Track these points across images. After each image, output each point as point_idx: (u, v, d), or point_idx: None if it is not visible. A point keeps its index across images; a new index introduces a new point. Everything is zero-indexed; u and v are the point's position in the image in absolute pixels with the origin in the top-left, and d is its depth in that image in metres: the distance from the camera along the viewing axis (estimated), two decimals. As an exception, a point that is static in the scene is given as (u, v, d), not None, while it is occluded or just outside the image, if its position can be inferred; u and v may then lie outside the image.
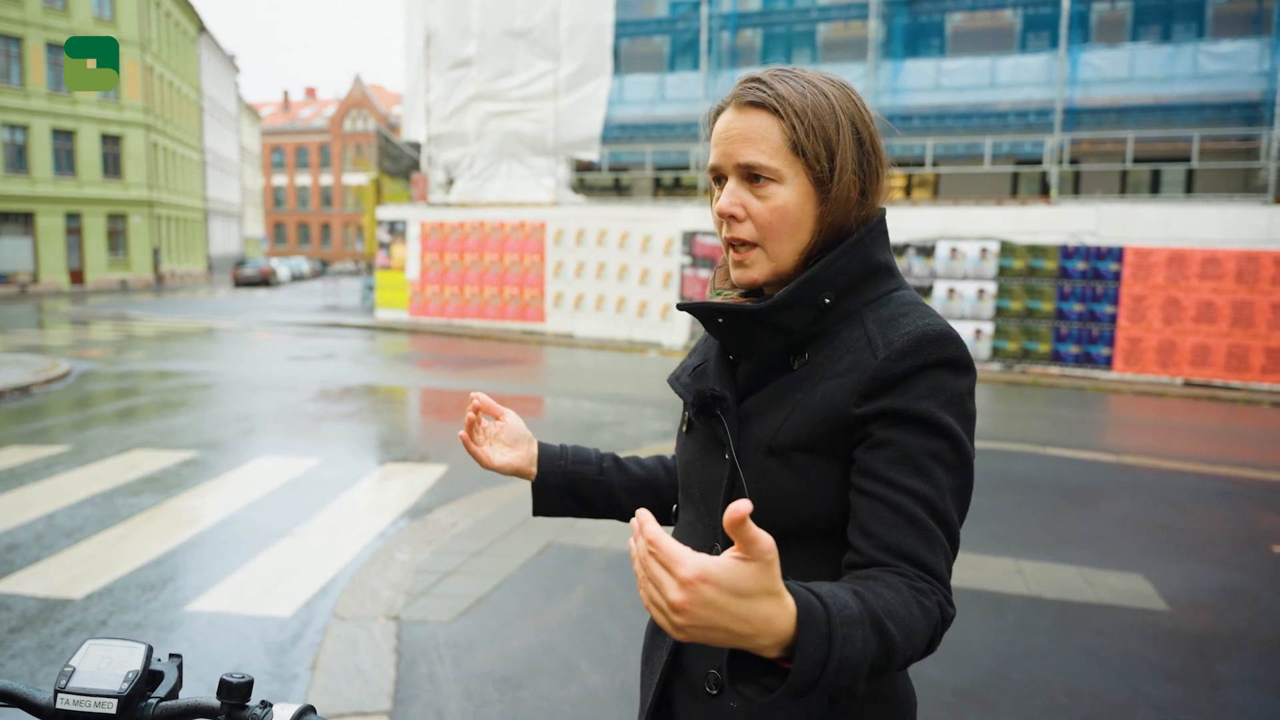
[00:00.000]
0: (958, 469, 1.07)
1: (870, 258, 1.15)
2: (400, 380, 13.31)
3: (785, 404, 1.13)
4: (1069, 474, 7.70)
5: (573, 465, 1.46)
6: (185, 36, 47.39)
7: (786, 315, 1.12)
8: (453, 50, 20.59)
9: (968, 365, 1.10)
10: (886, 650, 0.92)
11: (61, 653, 3.85)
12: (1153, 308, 14.48)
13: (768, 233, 1.13)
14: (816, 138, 1.10)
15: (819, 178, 1.11)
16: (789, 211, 1.12)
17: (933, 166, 17.85)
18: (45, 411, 9.91)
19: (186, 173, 47.39)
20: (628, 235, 18.79)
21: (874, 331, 1.10)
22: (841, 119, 1.12)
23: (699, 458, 1.24)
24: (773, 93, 1.12)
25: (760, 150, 1.11)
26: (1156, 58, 15.74)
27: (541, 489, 1.46)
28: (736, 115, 1.14)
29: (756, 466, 1.13)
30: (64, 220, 36.34)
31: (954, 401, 1.07)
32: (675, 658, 1.23)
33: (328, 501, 6.39)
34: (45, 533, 5.49)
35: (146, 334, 19.38)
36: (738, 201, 1.14)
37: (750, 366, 1.21)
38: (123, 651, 1.01)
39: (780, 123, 1.11)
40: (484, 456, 1.43)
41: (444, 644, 3.98)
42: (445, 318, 20.97)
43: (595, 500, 1.47)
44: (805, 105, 1.11)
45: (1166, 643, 4.18)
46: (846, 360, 1.10)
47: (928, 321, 1.09)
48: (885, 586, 0.98)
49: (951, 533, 1.06)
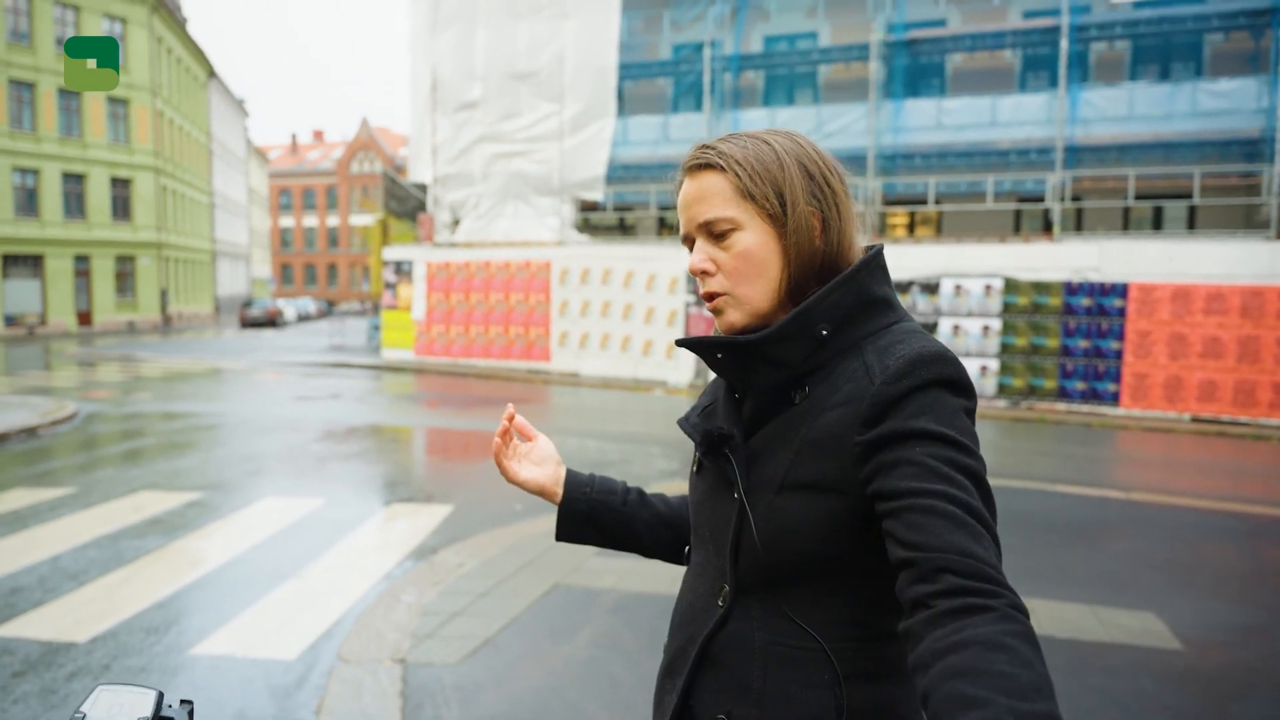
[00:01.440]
0: (975, 474, 1.04)
1: (866, 290, 1.16)
2: (406, 420, 13.31)
3: (791, 440, 1.14)
4: (1078, 511, 7.65)
5: (598, 494, 1.48)
6: (195, 81, 48.07)
7: (782, 347, 1.14)
8: (458, 93, 20.86)
9: (965, 386, 1.10)
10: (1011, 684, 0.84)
11: (65, 698, 3.82)
12: (1158, 343, 14.46)
13: (736, 278, 1.17)
14: (762, 180, 1.16)
15: (773, 216, 1.16)
16: (753, 253, 1.16)
17: (935, 204, 17.96)
18: (51, 453, 9.91)
19: (195, 215, 47.82)
20: (632, 274, 18.88)
21: (871, 360, 1.12)
22: (785, 159, 1.17)
23: (709, 498, 1.25)
24: (715, 151, 1.19)
25: (714, 205, 1.17)
26: (1156, 96, 15.87)
27: (566, 514, 1.48)
28: (690, 181, 1.21)
29: (765, 505, 1.14)
30: (73, 262, 36.60)
31: (953, 416, 1.07)
32: (685, 700, 1.23)
33: (333, 542, 6.36)
34: (50, 575, 5.47)
35: (153, 375, 19.44)
36: (706, 257, 1.19)
37: (754, 404, 1.22)
38: (133, 697, 1.00)
39: (726, 175, 1.17)
40: (510, 470, 1.45)
41: (450, 687, 3.94)
42: (451, 357, 21.02)
43: (615, 531, 1.48)
44: (746, 154, 1.17)
45: (1180, 682, 4.12)
46: (845, 390, 1.11)
47: (923, 344, 1.10)
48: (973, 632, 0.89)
49: (990, 529, 1.01)
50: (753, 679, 1.16)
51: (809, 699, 1.13)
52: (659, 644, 4.47)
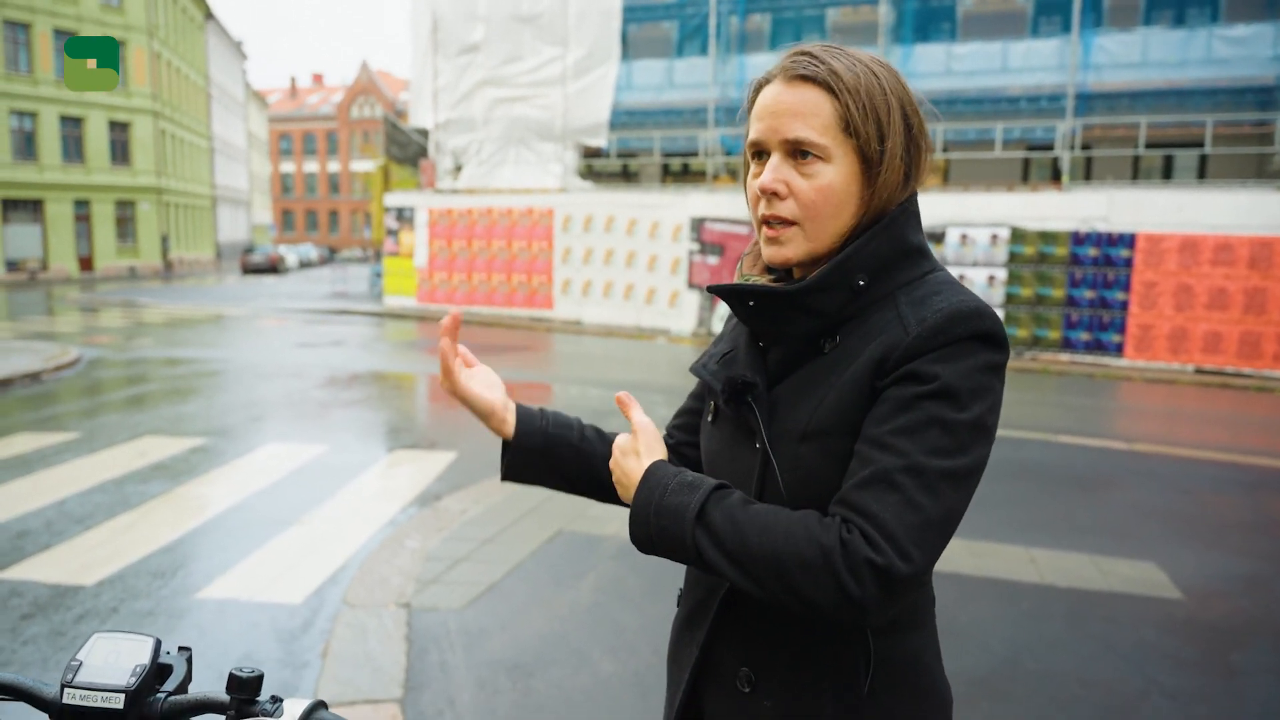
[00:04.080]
0: (963, 440, 1.01)
1: (904, 239, 1.12)
2: (408, 367, 13.31)
3: (817, 389, 1.10)
4: (1080, 462, 7.66)
5: (554, 429, 1.35)
6: (192, 23, 47.31)
7: (820, 298, 1.09)
8: (460, 35, 20.50)
9: (1000, 342, 1.07)
10: (733, 531, 1.03)
11: (73, 640, 3.85)
12: (1164, 294, 14.37)
13: (810, 212, 1.09)
14: (869, 118, 1.07)
15: (868, 159, 1.08)
16: (835, 192, 1.08)
17: (943, 152, 17.73)
18: (55, 398, 9.93)
19: (194, 160, 47.40)
20: (636, 221, 18.73)
21: (906, 311, 1.07)
22: (892, 100, 1.09)
23: (727, 448, 1.21)
24: (826, 68, 1.08)
25: (811, 126, 1.07)
26: (1170, 42, 15.58)
27: (517, 449, 1.33)
28: (785, 89, 1.10)
29: (789, 454, 1.10)
30: (73, 207, 36.40)
31: (977, 371, 1.03)
32: (706, 655, 1.21)
33: (337, 489, 6.38)
34: (56, 519, 5.50)
35: (155, 321, 19.42)
36: (781, 178, 1.09)
37: (780, 352, 1.17)
38: (130, 645, 0.98)
39: (833, 100, 1.07)
40: (460, 381, 1.28)
41: (455, 632, 3.97)
42: (454, 304, 20.95)
43: (573, 469, 1.36)
44: (859, 84, 1.07)
45: (1181, 631, 4.15)
46: (879, 340, 1.07)
47: (961, 299, 1.06)
48: (785, 509, 1.05)
49: (936, 501, 0.99)
50: (775, 632, 1.14)
51: (835, 653, 1.11)
52: (662, 589, 4.51)
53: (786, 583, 0.99)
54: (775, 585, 1.00)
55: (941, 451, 1.00)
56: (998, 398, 1.06)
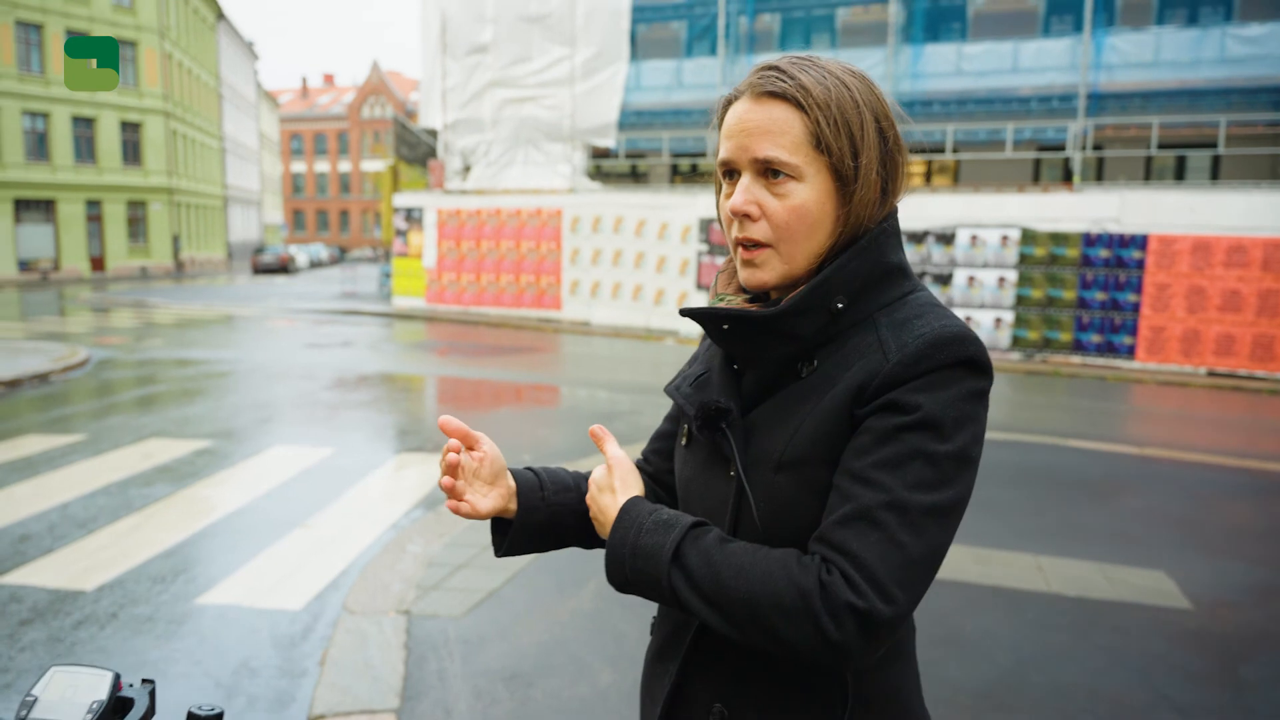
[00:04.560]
0: (944, 469, 0.97)
1: (883, 259, 1.07)
2: (416, 369, 13.30)
3: (794, 416, 1.06)
4: (1090, 466, 7.59)
5: (554, 496, 1.26)
6: (204, 24, 47.49)
7: (797, 321, 1.05)
8: (469, 36, 20.50)
9: (984, 367, 1.02)
10: (709, 573, 1.00)
11: (71, 646, 3.83)
12: (1176, 296, 14.26)
13: (784, 234, 1.05)
14: (841, 133, 1.02)
15: (842, 176, 1.04)
16: (808, 211, 1.04)
17: (953, 153, 17.64)
18: (64, 399, 9.95)
19: (206, 160, 47.58)
20: (644, 222, 18.69)
21: (886, 335, 1.03)
22: (865, 113, 1.04)
23: (700, 474, 1.17)
24: (795, 83, 1.03)
25: (780, 145, 1.03)
26: (1183, 41, 15.44)
27: (521, 528, 1.24)
28: (753, 106, 1.06)
29: (764, 484, 1.06)
30: (84, 207, 36.57)
31: (960, 400, 0.99)
32: (678, 689, 1.17)
33: (342, 491, 6.37)
34: (59, 523, 5.50)
35: (166, 321, 19.48)
36: (753, 199, 1.05)
37: (756, 376, 1.13)
38: (88, 679, 0.96)
39: (802, 116, 1.03)
40: (471, 507, 1.20)
41: (454, 640, 3.94)
42: (462, 305, 20.96)
43: (572, 534, 1.29)
44: (829, 98, 1.03)
45: (1190, 643, 4.09)
46: (857, 366, 1.03)
47: (944, 324, 1.02)
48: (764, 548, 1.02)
49: (920, 539, 0.95)
50: (749, 669, 1.09)
51: (811, 689, 1.07)
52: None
53: (763, 626, 0.96)
54: (752, 629, 0.97)
55: (924, 485, 0.96)
56: (981, 426, 1.02)
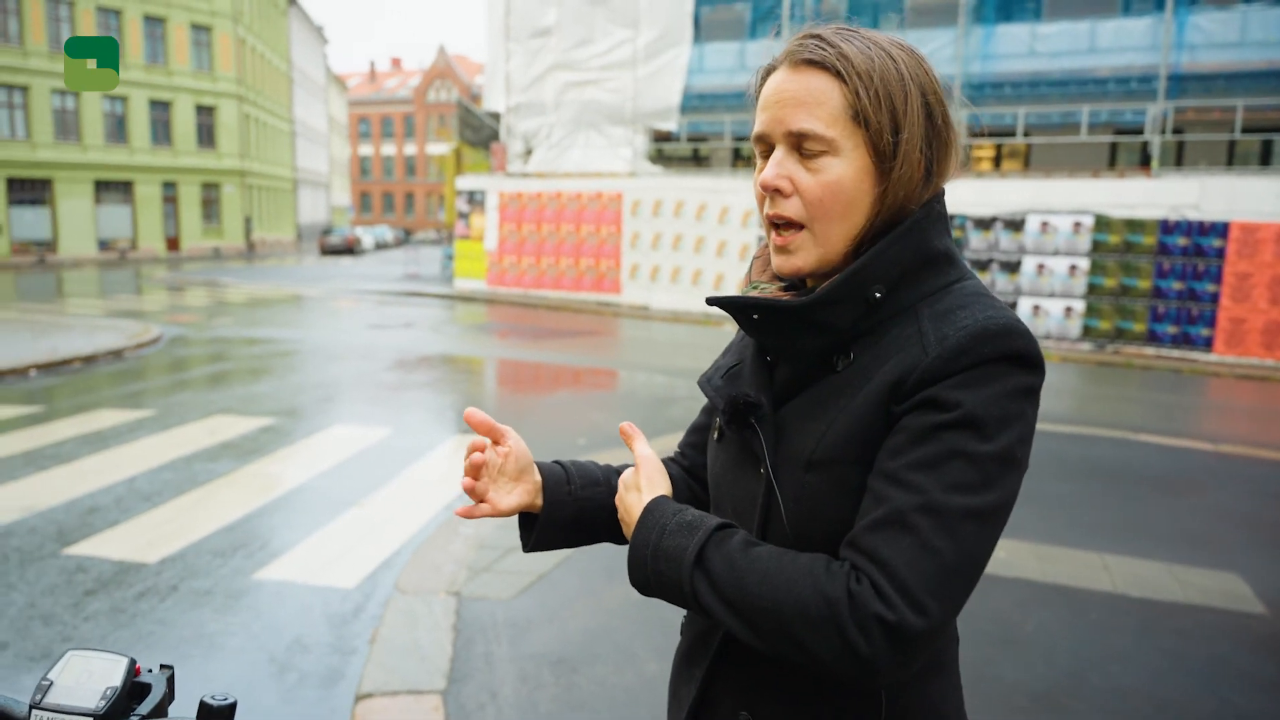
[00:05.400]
0: (986, 470, 0.90)
1: (927, 245, 1.00)
2: (476, 350, 13.42)
3: (827, 412, 1.00)
4: (1161, 462, 7.32)
5: (582, 491, 1.22)
6: (276, 9, 48.39)
7: (832, 311, 0.98)
8: (533, 19, 20.53)
9: (1034, 362, 0.95)
10: (733, 578, 0.94)
11: (132, 617, 3.94)
12: (1259, 286, 13.68)
13: (817, 212, 0.99)
14: (882, 106, 0.96)
15: (881, 153, 0.97)
16: (844, 189, 0.98)
17: (1024, 136, 17.15)
18: (136, 375, 10.25)
19: (277, 143, 48.59)
20: (705, 206, 18.56)
21: (927, 327, 0.96)
22: (911, 88, 0.97)
23: (731, 471, 1.11)
24: (835, 51, 0.97)
25: (816, 116, 0.97)
26: (1270, 20, 14.75)
27: (547, 523, 1.20)
28: (790, 75, 1.00)
29: (794, 483, 1.00)
30: (161, 189, 37.66)
31: (1006, 397, 0.92)
32: (704, 694, 1.12)
33: (398, 472, 6.44)
34: (125, 496, 5.66)
35: (236, 300, 19.97)
36: (785, 174, 0.99)
37: (789, 369, 1.07)
38: (104, 665, 0.95)
39: (842, 86, 0.96)
40: (492, 505, 1.16)
41: (502, 622, 3.95)
42: (522, 288, 21.09)
43: (604, 529, 1.24)
44: (871, 68, 0.96)
45: (1261, 649, 3.91)
46: (895, 360, 0.96)
47: (989, 314, 0.95)
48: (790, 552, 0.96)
49: (957, 545, 0.88)
50: (777, 677, 1.04)
51: (842, 702, 1.01)
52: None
53: (788, 636, 0.90)
54: (777, 639, 0.92)
55: (963, 488, 0.89)
56: (1030, 426, 0.94)
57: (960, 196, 15.43)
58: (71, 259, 33.40)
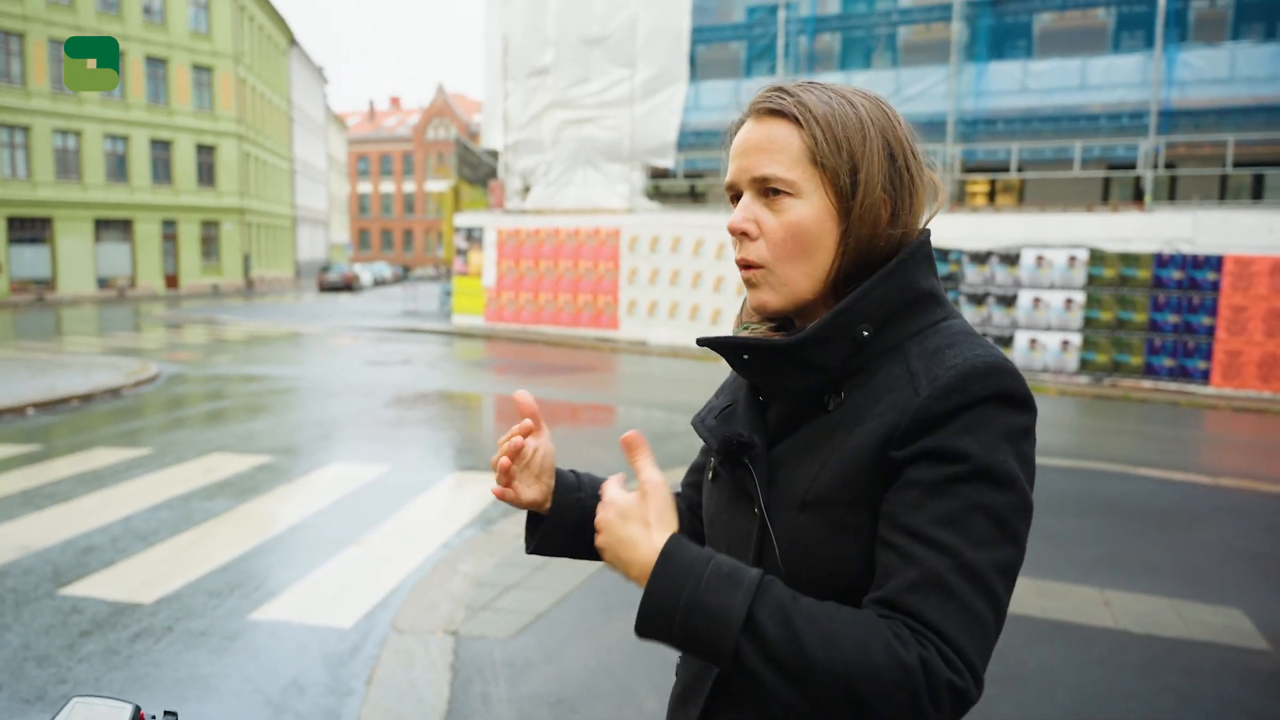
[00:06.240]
0: (1007, 521, 0.92)
1: (912, 284, 1.03)
2: (474, 387, 13.42)
3: (820, 452, 1.01)
4: (1161, 496, 7.31)
5: (590, 498, 1.23)
6: (276, 49, 48.94)
7: (819, 350, 1.01)
8: (530, 58, 20.79)
9: (1025, 401, 0.97)
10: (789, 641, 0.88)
11: (127, 659, 3.90)
12: (1254, 319, 13.74)
13: (780, 252, 1.03)
14: (840, 149, 1.00)
15: (839, 193, 1.01)
16: (805, 229, 1.01)
17: (1018, 172, 17.31)
18: (133, 413, 10.24)
19: (276, 181, 48.91)
20: (702, 242, 18.67)
21: (918, 366, 0.98)
22: (870, 131, 1.01)
23: (725, 510, 1.12)
24: (794, 100, 1.02)
25: (778, 161, 1.02)
26: (1259, 57, 14.97)
27: (552, 525, 1.23)
28: (754, 125, 1.05)
29: (788, 523, 1.01)
30: (160, 227, 37.85)
31: (1007, 439, 0.94)
32: None
33: (396, 509, 6.42)
34: (121, 535, 5.63)
35: (234, 338, 19.98)
36: (751, 217, 1.04)
37: (782, 408, 1.09)
38: (108, 712, 0.95)
39: (800, 131, 1.01)
40: (516, 493, 1.20)
41: (500, 662, 3.92)
42: (520, 324, 21.14)
43: None
44: (830, 114, 1.01)
45: (1267, 685, 3.88)
46: (887, 400, 0.98)
47: (978, 353, 0.97)
48: (842, 608, 0.92)
49: (992, 603, 0.91)
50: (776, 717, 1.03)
51: None
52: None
53: (853, 701, 0.87)
54: (836, 703, 0.88)
55: (989, 542, 0.92)
56: (1033, 467, 0.96)
57: (956, 231, 15.55)
58: (70, 297, 33.47)
